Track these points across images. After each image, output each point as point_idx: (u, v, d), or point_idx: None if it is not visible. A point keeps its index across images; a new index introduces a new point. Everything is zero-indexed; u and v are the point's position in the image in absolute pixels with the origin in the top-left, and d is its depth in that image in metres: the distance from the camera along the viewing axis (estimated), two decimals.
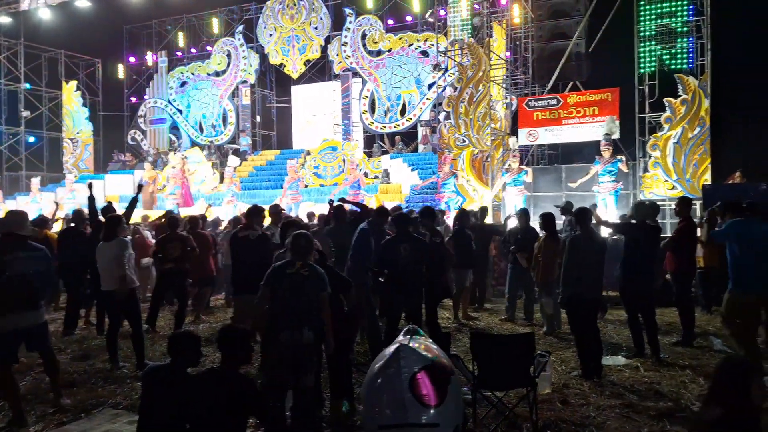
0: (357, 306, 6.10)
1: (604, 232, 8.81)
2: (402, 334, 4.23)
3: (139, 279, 6.73)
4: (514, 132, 14.51)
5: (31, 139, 26.64)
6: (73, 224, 9.06)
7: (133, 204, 7.72)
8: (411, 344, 3.69)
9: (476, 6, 14.63)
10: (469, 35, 14.92)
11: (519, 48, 15.44)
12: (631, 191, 13.28)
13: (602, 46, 14.75)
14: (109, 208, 8.19)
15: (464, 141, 13.31)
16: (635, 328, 6.66)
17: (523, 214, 8.87)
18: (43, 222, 9.65)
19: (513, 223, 9.66)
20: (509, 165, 12.99)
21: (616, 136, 12.98)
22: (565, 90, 14.78)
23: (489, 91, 13.17)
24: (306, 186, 18.36)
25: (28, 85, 26.15)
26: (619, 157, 12.21)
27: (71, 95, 24.97)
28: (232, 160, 21.18)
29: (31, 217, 11.08)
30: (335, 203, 7.49)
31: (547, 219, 7.75)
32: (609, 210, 11.69)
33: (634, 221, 6.85)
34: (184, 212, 14.15)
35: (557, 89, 14.87)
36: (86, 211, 8.67)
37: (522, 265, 8.27)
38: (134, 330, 6.17)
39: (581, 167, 13.27)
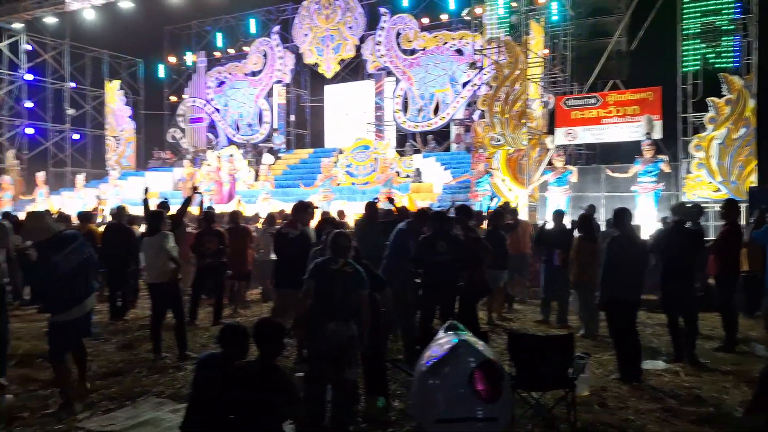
0: (395, 303, 6.19)
1: (645, 234, 8.66)
2: (443, 330, 4.25)
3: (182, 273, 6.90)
4: (551, 131, 14.34)
5: (76, 137, 27.45)
6: (115, 219, 9.31)
7: (186, 203, 7.94)
8: (469, 340, 3.75)
9: (514, 3, 14.53)
10: (506, 33, 14.81)
11: (557, 46, 15.25)
12: (672, 193, 13.01)
13: (644, 44, 14.46)
14: (164, 205, 8.47)
15: (499, 140, 13.22)
16: (675, 332, 6.53)
17: (557, 215, 8.77)
18: (86, 217, 9.95)
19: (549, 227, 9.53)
20: (552, 164, 12.83)
21: (657, 135, 12.73)
22: (604, 89, 14.55)
23: (526, 89, 13.07)
24: (338, 184, 18.50)
25: (73, 84, 26.95)
26: (660, 157, 11.98)
27: (114, 94, 25.64)
28: (267, 158, 21.48)
29: (74, 212, 11.52)
30: (372, 201, 7.55)
31: (584, 219, 7.64)
32: (648, 211, 11.49)
33: (674, 220, 6.71)
34: (219, 209, 14.40)
35: (596, 88, 14.64)
36: (128, 207, 8.91)
37: (560, 265, 8.15)
38: (177, 321, 6.34)
39: (621, 167, 13.05)
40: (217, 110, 25.67)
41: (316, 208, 8.94)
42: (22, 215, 10.12)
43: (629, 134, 13.15)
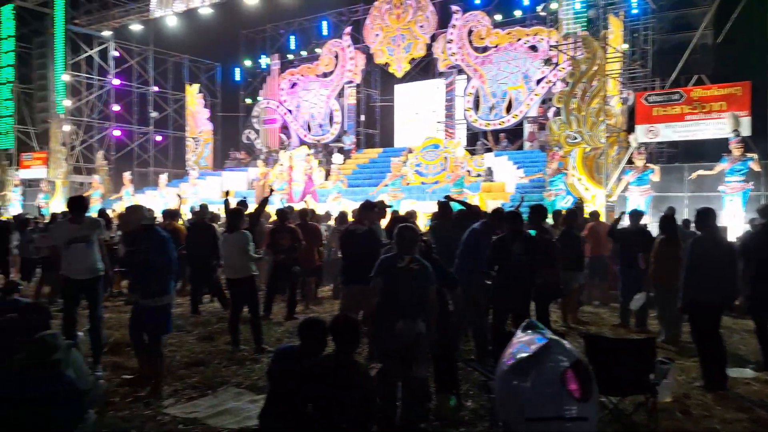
0: (467, 303, 6.16)
1: (732, 236, 8.21)
2: (521, 329, 4.19)
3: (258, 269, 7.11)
4: (630, 128, 13.82)
5: (159, 138, 28.86)
6: (198, 217, 9.69)
7: (264, 203, 8.19)
8: (560, 340, 3.75)
9: None
10: (583, 28, 14.40)
11: (638, 40, 14.68)
12: (762, 193, 12.25)
13: (731, 37, 13.68)
14: (243, 204, 8.79)
15: (576, 138, 12.87)
16: (764, 339, 6.17)
17: (634, 215, 8.44)
18: (171, 215, 10.42)
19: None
20: (633, 162, 12.38)
21: (746, 132, 12.03)
22: (688, 84, 13.87)
23: (604, 85, 12.66)
24: (408, 183, 18.53)
25: (156, 88, 28.33)
26: (750, 155, 11.31)
27: (194, 97, 26.75)
28: (337, 158, 21.82)
29: (158, 210, 12.10)
30: (441, 200, 7.53)
31: (667, 220, 7.33)
32: (736, 212, 10.88)
33: (762, 222, 6.35)
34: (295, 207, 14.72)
35: (679, 83, 13.98)
36: (210, 206, 9.27)
37: (639, 267, 7.86)
38: (253, 316, 6.55)
39: (706, 166, 12.41)
40: (290, 111, 26.28)
41: (388, 207, 9.02)
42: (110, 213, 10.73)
43: (715, 131, 12.47)
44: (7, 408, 3.50)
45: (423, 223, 11.10)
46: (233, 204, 8.93)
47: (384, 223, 7.55)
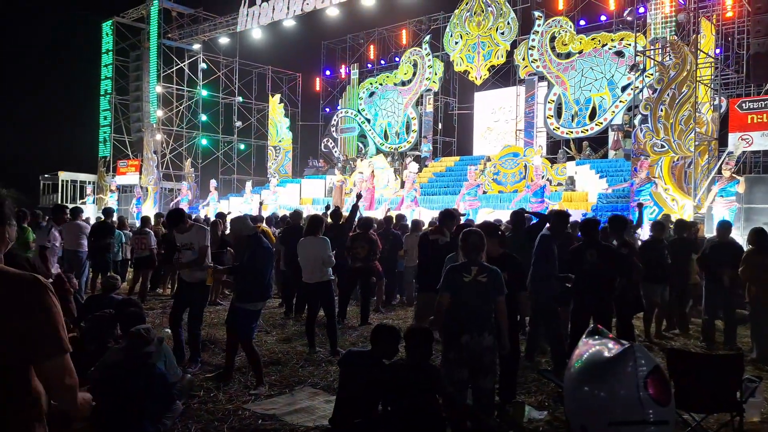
0: (542, 312, 6.04)
1: None
2: (586, 335, 4.09)
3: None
4: (723, 136, 13.09)
5: (242, 147, 30.04)
6: (292, 222, 9.99)
7: (354, 210, 8.37)
8: (641, 346, 3.72)
9: (681, 1, 13.49)
10: (672, 32, 13.80)
11: (731, 45, 13.92)
12: None
13: None
14: (337, 212, 9.08)
15: (663, 146, 12.32)
16: None
17: (721, 227, 7.95)
18: (257, 220, 10.88)
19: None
20: (721, 173, 11.73)
21: None
22: None
23: (694, 92, 12.06)
24: (485, 192, 18.33)
25: (240, 99, 29.52)
26: None
27: (276, 107, 27.67)
28: (412, 166, 21.88)
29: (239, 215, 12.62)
30: (515, 211, 7.45)
31: (758, 234, 6.87)
32: None
33: None
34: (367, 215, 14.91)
35: None
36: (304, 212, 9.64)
37: (724, 284, 7.41)
38: (328, 320, 6.67)
39: None
40: (367, 120, 26.64)
41: (463, 215, 8.98)
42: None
43: None
44: (105, 396, 3.75)
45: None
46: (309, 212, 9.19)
47: None
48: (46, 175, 30.41)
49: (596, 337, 4.00)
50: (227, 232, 11.26)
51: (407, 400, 3.74)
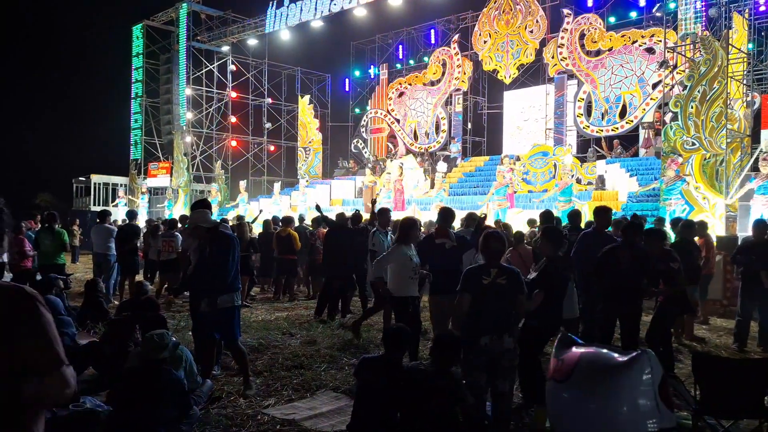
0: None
1: None
2: (559, 343, 4.16)
3: None
4: (756, 133, 12.74)
5: (272, 148, 30.31)
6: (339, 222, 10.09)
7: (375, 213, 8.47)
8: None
9: None
10: (704, 28, 13.47)
11: (765, 39, 13.52)
12: None
13: None
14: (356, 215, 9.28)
15: (694, 144, 12.05)
16: None
17: (757, 226, 7.73)
18: (287, 221, 11.01)
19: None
20: (759, 169, 11.40)
21: None
22: None
23: (726, 88, 11.75)
24: (514, 192, 18.15)
25: (269, 100, 29.81)
26: None
27: (305, 108, 27.86)
28: (441, 167, 21.81)
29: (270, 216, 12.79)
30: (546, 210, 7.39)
31: None
32: None
33: None
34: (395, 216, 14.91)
35: None
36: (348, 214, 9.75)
37: (763, 285, 7.21)
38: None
39: None
40: (397, 120, 26.63)
41: (483, 216, 8.89)
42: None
43: None
44: (120, 402, 3.84)
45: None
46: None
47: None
48: (79, 178, 31.15)
49: (572, 345, 4.02)
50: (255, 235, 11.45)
51: (426, 406, 3.74)
